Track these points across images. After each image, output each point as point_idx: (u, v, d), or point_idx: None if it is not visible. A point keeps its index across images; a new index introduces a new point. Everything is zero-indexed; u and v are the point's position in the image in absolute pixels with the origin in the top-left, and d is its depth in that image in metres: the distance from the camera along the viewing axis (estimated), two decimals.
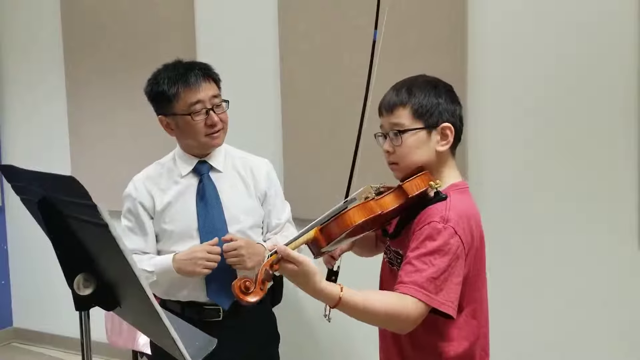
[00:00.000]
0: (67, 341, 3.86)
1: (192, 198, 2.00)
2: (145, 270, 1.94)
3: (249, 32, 3.04)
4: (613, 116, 2.31)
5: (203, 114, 1.94)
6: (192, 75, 1.94)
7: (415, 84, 1.47)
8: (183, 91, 1.92)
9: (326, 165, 2.81)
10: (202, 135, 1.96)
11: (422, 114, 1.43)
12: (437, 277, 1.31)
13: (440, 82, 1.49)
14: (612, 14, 2.28)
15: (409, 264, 1.34)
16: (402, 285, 1.33)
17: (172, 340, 1.12)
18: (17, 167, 1.28)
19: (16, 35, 3.92)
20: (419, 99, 1.44)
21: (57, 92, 3.72)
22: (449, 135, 1.44)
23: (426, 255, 1.33)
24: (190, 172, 2.03)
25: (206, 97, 1.94)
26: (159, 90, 1.95)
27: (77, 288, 1.21)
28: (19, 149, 4.01)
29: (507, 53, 2.46)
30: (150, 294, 1.08)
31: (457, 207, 1.39)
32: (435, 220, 1.36)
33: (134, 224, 2.02)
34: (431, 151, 1.45)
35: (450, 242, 1.34)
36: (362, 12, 2.71)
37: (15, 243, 4.12)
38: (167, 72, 1.96)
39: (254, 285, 1.30)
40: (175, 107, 1.94)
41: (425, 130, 1.44)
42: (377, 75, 1.44)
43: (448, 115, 1.45)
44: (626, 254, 2.32)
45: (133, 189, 2.04)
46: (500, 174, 2.51)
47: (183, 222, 1.99)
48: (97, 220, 1.01)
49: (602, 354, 2.38)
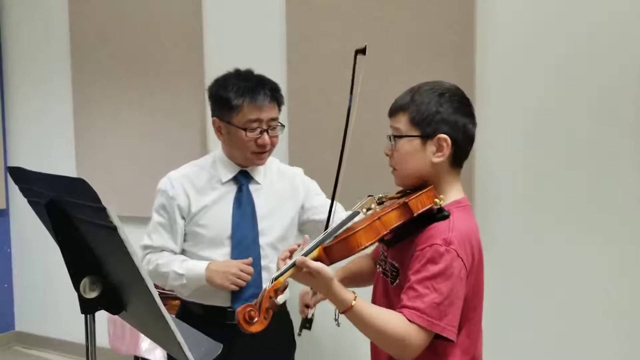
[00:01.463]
0: (68, 345, 3.86)
1: (229, 205, 1.99)
2: (176, 272, 1.95)
3: (255, 36, 3.05)
4: (619, 124, 2.30)
5: (257, 132, 1.92)
6: (262, 94, 1.91)
7: (420, 91, 1.42)
8: (247, 106, 1.90)
9: (332, 171, 2.80)
10: (249, 152, 1.95)
11: (419, 122, 1.39)
12: (441, 303, 1.29)
13: (448, 91, 1.42)
14: (618, 21, 2.28)
15: (412, 288, 1.31)
16: (406, 311, 1.30)
17: (178, 345, 1.11)
18: (25, 169, 1.28)
19: (23, 38, 3.93)
20: (419, 106, 1.40)
21: (63, 94, 3.73)
22: (445, 148, 1.38)
23: (429, 279, 1.30)
24: (231, 179, 2.01)
25: (266, 118, 1.93)
26: (225, 96, 1.92)
27: (83, 291, 1.21)
28: (25, 151, 4.01)
29: (516, 62, 2.45)
30: (158, 298, 1.07)
31: (459, 228, 1.35)
32: (438, 242, 1.32)
33: (167, 221, 2.00)
34: (426, 161, 1.40)
35: (452, 266, 1.30)
36: (369, 17, 2.72)
37: (19, 246, 4.11)
38: (238, 81, 1.94)
39: (258, 315, 1.26)
40: (233, 117, 1.92)
41: (420, 138, 1.40)
42: (384, 82, 1.44)
43: (447, 127, 1.38)
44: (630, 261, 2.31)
45: (169, 186, 2.00)
46: (508, 182, 2.50)
47: (217, 229, 1.98)
48: (106, 223, 1.01)
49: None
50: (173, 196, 1.99)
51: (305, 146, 2.91)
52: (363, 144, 2.67)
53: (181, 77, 3.26)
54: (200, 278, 1.93)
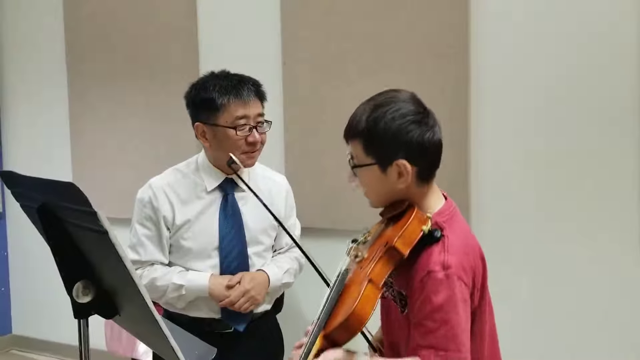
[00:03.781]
0: (66, 348, 3.85)
1: (214, 216, 1.93)
2: (175, 284, 1.90)
3: (251, 37, 3.04)
4: (618, 125, 2.30)
5: (247, 130, 1.87)
6: (245, 89, 1.87)
7: (372, 114, 1.30)
8: (233, 103, 1.85)
9: (328, 173, 2.80)
10: (239, 151, 1.88)
11: (374, 151, 1.30)
12: (454, 332, 1.25)
13: (399, 109, 1.29)
14: (615, 23, 2.27)
15: (421, 325, 1.27)
16: (423, 350, 1.25)
17: (171, 349, 1.11)
18: (17, 173, 1.27)
19: (18, 41, 3.92)
20: (371, 133, 1.29)
21: (59, 98, 3.71)
22: (405, 173, 1.29)
23: (435, 312, 1.25)
24: (216, 187, 1.96)
25: (253, 114, 1.88)
26: (207, 97, 1.86)
27: (76, 295, 1.20)
28: (21, 155, 4.00)
29: (511, 61, 2.45)
30: (150, 302, 1.07)
31: (454, 245, 1.28)
32: (435, 270, 1.25)
33: (153, 233, 1.94)
34: (391, 187, 1.32)
35: (455, 293, 1.25)
36: (363, 17, 2.71)
37: (16, 250, 4.10)
38: (219, 81, 1.89)
39: None
40: (219, 117, 1.86)
41: (378, 166, 1.31)
42: (382, 84, 1.40)
43: (403, 151, 1.28)
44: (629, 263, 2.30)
45: (152, 196, 1.94)
46: (503, 184, 2.50)
47: (203, 241, 1.93)
48: (97, 227, 1.00)
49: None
50: (157, 207, 1.92)
51: (301, 147, 2.90)
52: None
53: (177, 79, 3.24)
54: (201, 290, 1.89)
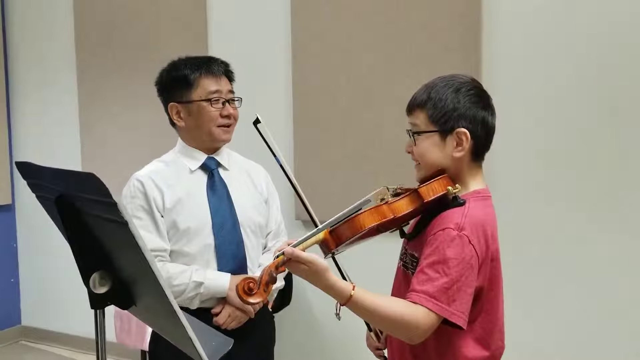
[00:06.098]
0: (75, 340, 3.87)
1: (203, 194, 1.98)
2: (195, 282, 1.91)
3: (260, 31, 3.04)
4: (632, 121, 2.29)
5: (220, 103, 1.97)
6: (215, 65, 1.98)
7: (436, 87, 1.43)
8: (206, 77, 1.96)
9: (337, 165, 2.80)
10: (215, 124, 1.96)
11: (437, 119, 1.41)
12: (450, 287, 1.29)
13: (464, 85, 1.43)
14: (627, 21, 2.26)
15: (422, 272, 1.32)
16: (414, 294, 1.31)
17: (189, 340, 1.11)
18: (34, 164, 1.27)
19: (28, 34, 3.93)
20: (436, 102, 1.41)
21: (69, 90, 3.73)
22: (464, 142, 1.40)
23: (439, 263, 1.31)
24: (199, 167, 2.01)
25: (225, 89, 1.99)
26: (180, 74, 1.96)
27: (92, 286, 1.20)
28: (30, 147, 4.01)
29: (523, 55, 2.44)
30: (169, 293, 1.07)
31: (474, 215, 1.36)
32: (450, 227, 1.33)
33: (148, 221, 1.94)
34: (447, 156, 1.42)
35: (464, 252, 1.31)
36: (374, 11, 2.71)
37: (25, 241, 4.12)
38: (188, 60, 1.99)
39: (258, 287, 1.30)
40: (192, 93, 1.96)
41: (439, 134, 1.42)
42: (392, 78, 1.42)
43: (465, 122, 1.40)
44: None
45: (139, 185, 1.95)
46: (514, 180, 2.49)
47: (196, 219, 1.95)
48: (118, 218, 1.00)
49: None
50: (146, 192, 1.94)
51: (310, 141, 2.90)
52: (372, 139, 2.67)
53: None
54: (221, 291, 1.92)
